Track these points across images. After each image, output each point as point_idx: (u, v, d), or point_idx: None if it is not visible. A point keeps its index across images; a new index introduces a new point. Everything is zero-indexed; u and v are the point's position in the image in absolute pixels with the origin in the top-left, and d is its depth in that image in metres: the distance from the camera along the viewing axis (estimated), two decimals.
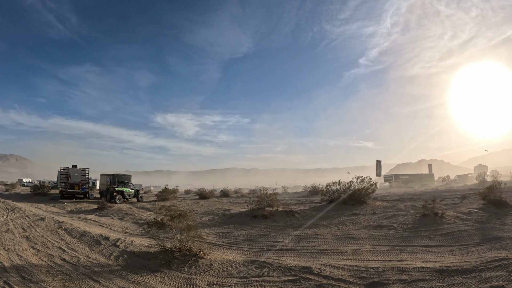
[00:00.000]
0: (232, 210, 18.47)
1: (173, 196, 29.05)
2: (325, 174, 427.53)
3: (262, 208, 16.44)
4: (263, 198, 16.98)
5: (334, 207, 16.65)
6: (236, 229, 13.99)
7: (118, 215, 18.83)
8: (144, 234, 12.84)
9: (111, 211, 20.38)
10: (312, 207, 17.81)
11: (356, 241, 10.51)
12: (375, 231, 11.60)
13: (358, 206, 16.33)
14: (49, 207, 23.71)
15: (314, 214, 15.68)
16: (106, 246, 10.41)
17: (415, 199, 19.52)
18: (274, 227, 13.87)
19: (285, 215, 15.52)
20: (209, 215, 17.59)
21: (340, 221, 13.65)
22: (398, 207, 15.90)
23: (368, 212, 15.03)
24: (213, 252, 9.02)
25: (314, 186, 36.33)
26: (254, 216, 15.71)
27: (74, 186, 31.29)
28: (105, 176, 32.47)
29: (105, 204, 21.77)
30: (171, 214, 8.68)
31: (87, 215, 19.30)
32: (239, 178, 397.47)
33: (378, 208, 15.72)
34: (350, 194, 17.58)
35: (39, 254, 9.85)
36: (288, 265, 7.80)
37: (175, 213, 8.67)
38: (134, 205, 24.36)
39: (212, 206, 22.57)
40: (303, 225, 13.72)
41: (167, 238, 9.18)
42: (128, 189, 28.57)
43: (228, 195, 37.91)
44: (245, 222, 15.26)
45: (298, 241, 11.16)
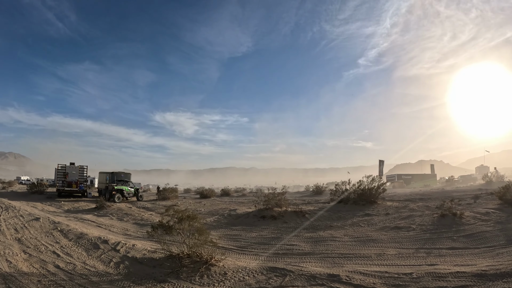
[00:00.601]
0: (238, 210, 17.49)
1: (174, 195, 28.03)
2: (324, 174, 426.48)
3: (270, 209, 15.57)
4: (271, 198, 16.04)
5: (345, 207, 15.97)
6: (245, 231, 13.03)
7: (118, 215, 17.78)
8: (146, 236, 11.91)
9: (110, 211, 19.34)
10: (321, 207, 17.01)
11: (377, 244, 9.84)
12: (394, 232, 10.95)
13: (369, 206, 15.75)
14: (45, 206, 22.69)
15: (325, 214, 14.91)
16: (105, 251, 9.34)
17: (425, 199, 18.89)
18: (285, 228, 13.01)
19: (295, 215, 14.72)
20: (213, 216, 16.61)
21: (354, 222, 13.00)
22: (410, 207, 15.28)
23: (381, 212, 14.39)
24: (226, 258, 8.00)
25: (318, 186, 35.29)
26: (263, 217, 14.82)
27: (71, 184, 30.23)
28: (104, 174, 31.44)
29: (104, 203, 20.75)
30: (179, 216, 7.65)
31: (85, 215, 18.27)
32: (238, 177, 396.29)
33: (390, 209, 15.11)
34: (361, 194, 16.90)
35: (31, 259, 8.83)
36: (312, 273, 6.84)
37: (183, 215, 7.62)
38: (134, 204, 23.34)
39: (215, 205, 21.60)
40: (315, 227, 12.92)
41: (173, 242, 8.17)
42: (127, 187, 27.54)
43: (229, 194, 37.07)
44: (253, 223, 14.34)
45: (315, 244, 10.33)
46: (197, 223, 7.64)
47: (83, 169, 31.19)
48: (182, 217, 7.59)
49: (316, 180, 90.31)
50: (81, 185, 30.21)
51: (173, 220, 7.84)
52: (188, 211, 7.94)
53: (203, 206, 21.44)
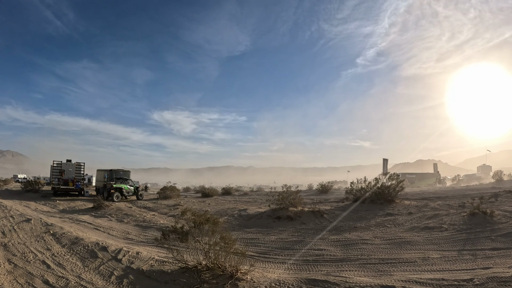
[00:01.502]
0: (249, 210, 16.05)
1: (175, 194, 26.52)
2: (323, 173, 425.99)
3: (285, 208, 14.19)
4: (286, 197, 14.64)
5: (362, 207, 14.82)
6: (262, 233, 11.61)
7: (117, 216, 16.24)
8: (152, 242, 10.43)
9: (108, 211, 17.80)
10: (337, 206, 15.74)
11: (414, 246, 8.81)
12: (426, 233, 10.00)
13: (387, 205, 14.60)
14: (39, 205, 21.17)
15: (344, 214, 13.67)
16: (104, 261, 7.78)
17: (442, 197, 17.87)
18: (305, 230, 11.69)
19: (312, 216, 13.45)
20: (222, 216, 15.14)
21: (379, 223, 11.80)
22: (431, 206, 14.17)
23: (403, 212, 13.24)
24: (252, 268, 6.48)
25: (324, 185, 33.85)
26: (278, 218, 13.47)
27: (68, 183, 28.66)
28: (102, 172, 29.81)
29: (102, 202, 19.18)
30: (197, 220, 6.13)
31: (81, 215, 16.75)
32: (236, 176, 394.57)
33: (410, 208, 13.99)
34: (378, 193, 15.71)
35: (16, 272, 7.29)
36: (361, 285, 5.43)
37: (202, 218, 6.11)
38: (134, 204, 21.80)
39: (221, 205, 20.16)
40: (338, 228, 11.64)
41: (186, 249, 6.71)
42: (127, 186, 26.01)
43: (230, 193, 35.66)
44: (268, 224, 12.95)
45: (346, 248, 9.06)
46: (219, 227, 6.11)
47: (80, 167, 29.59)
48: (200, 221, 6.06)
49: (315, 179, 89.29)
50: (78, 183, 28.64)
51: (189, 225, 6.32)
52: (207, 214, 6.38)
53: (208, 206, 19.97)
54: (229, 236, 6.05)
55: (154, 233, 11.97)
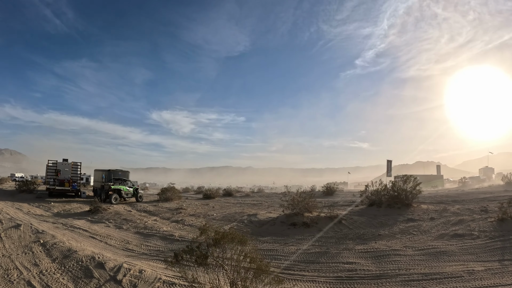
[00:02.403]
0: (259, 215, 14.77)
1: (177, 196, 25.21)
2: (322, 174, 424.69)
3: (300, 214, 12.94)
4: (300, 201, 13.38)
5: (379, 211, 13.80)
6: (278, 243, 10.35)
7: (115, 221, 14.88)
8: (155, 254, 9.16)
9: (106, 215, 16.44)
10: (352, 211, 14.58)
11: (452, 257, 7.90)
12: (458, 241, 9.08)
13: (405, 209, 13.58)
14: (32, 207, 19.86)
15: (363, 220, 12.54)
16: (101, 282, 6.40)
17: (459, 201, 17.03)
18: (325, 239, 10.50)
19: (330, 222, 12.24)
20: (230, 222, 13.88)
21: (402, 230, 10.77)
22: (452, 210, 13.18)
23: (424, 217, 12.27)
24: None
25: (329, 187, 32.56)
26: (293, 224, 12.26)
27: (64, 183, 27.29)
28: (100, 172, 28.42)
29: (99, 206, 17.82)
30: (216, 237, 4.83)
31: (76, 220, 15.44)
32: (235, 176, 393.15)
33: (430, 212, 13.07)
34: (395, 196, 14.58)
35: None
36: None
37: (224, 235, 4.81)
38: (134, 206, 20.49)
39: (226, 208, 18.89)
40: (361, 236, 10.49)
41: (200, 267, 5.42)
42: (125, 187, 24.65)
43: (232, 194, 34.49)
44: (283, 232, 11.72)
45: (378, 261, 8.00)
46: (248, 247, 4.82)
47: (77, 166, 28.25)
48: (221, 238, 4.77)
49: (314, 180, 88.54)
50: (74, 184, 27.27)
51: (208, 242, 5.02)
52: (232, 233, 5.07)
53: (212, 210, 18.68)
54: (259, 257, 4.74)
55: (158, 243, 10.71)
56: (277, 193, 39.22)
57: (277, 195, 34.10)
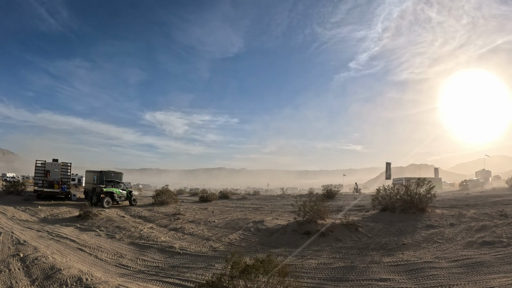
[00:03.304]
0: (266, 222, 13.46)
1: (173, 199, 23.79)
2: (315, 176, 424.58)
3: (312, 221, 11.70)
4: (313, 207, 12.10)
5: (394, 217, 12.72)
6: (294, 255, 9.02)
7: (107, 229, 13.40)
8: (154, 272, 7.82)
9: (97, 222, 14.96)
10: (364, 216, 13.46)
11: (491, 269, 6.85)
12: (490, 250, 8.10)
13: (420, 215, 12.61)
14: (17, 211, 18.37)
15: (380, 227, 11.38)
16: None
17: (471, 205, 16.10)
18: (346, 250, 9.28)
19: (346, 230, 11.01)
20: (235, 230, 12.55)
21: (426, 238, 9.73)
22: (469, 215, 12.35)
23: (443, 223, 11.33)
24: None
25: (330, 190, 31.25)
26: (307, 233, 10.97)
27: (53, 185, 25.68)
28: (91, 173, 26.82)
29: (89, 211, 16.32)
30: (242, 268, 3.51)
31: (64, 227, 13.99)
32: (229, 178, 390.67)
33: (447, 218, 12.12)
34: (409, 201, 13.46)
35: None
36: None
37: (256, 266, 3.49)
38: (127, 211, 19.04)
39: (228, 214, 17.55)
40: (384, 246, 9.31)
41: None
42: (118, 190, 23.18)
43: (228, 197, 33.26)
44: (297, 242, 10.44)
45: (413, 276, 6.85)
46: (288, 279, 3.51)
47: (67, 167, 26.69)
48: (251, 269, 3.45)
49: (308, 182, 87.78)
50: (64, 186, 25.67)
51: (232, 274, 3.69)
52: (271, 260, 3.73)
53: (212, 215, 17.34)
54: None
55: (156, 257, 9.33)
56: (274, 196, 38.07)
57: (274, 198, 32.89)
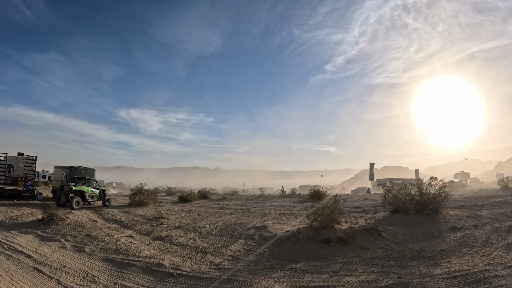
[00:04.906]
0: (270, 227, 11.23)
1: (152, 200, 21.09)
2: (291, 176, 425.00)
3: (329, 226, 9.68)
4: (329, 208, 10.03)
5: (410, 219, 11.47)
6: (323, 272, 6.92)
7: (75, 239, 10.60)
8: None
9: (62, 228, 12.09)
10: (377, 219, 11.83)
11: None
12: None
13: (436, 216, 11.47)
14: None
15: (403, 231, 9.88)
16: None
17: (479, 205, 15.35)
18: (381, 261, 7.52)
19: (369, 236, 9.28)
20: (235, 239, 10.21)
21: (459, 241, 8.47)
22: (486, 216, 11.50)
23: (466, 224, 10.26)
24: None
25: (317, 190, 29.28)
26: (326, 241, 8.93)
27: (17, 182, 22.41)
28: (60, 169, 23.63)
29: (54, 213, 13.37)
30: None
31: (22, 235, 11.16)
32: (204, 177, 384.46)
33: (466, 219, 11.09)
34: (422, 201, 12.24)
35: None
36: None
37: None
38: (100, 214, 16.21)
39: (216, 216, 15.20)
40: (422, 254, 7.85)
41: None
42: (90, 188, 20.24)
43: (207, 197, 31.29)
44: (317, 253, 8.38)
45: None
46: None
47: (33, 162, 23.45)
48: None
49: (284, 182, 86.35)
50: (28, 184, 22.41)
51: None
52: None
53: (200, 218, 14.92)
54: None
55: (141, 281, 6.80)
56: (255, 196, 35.91)
57: (256, 198, 30.73)
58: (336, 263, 7.53)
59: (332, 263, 7.59)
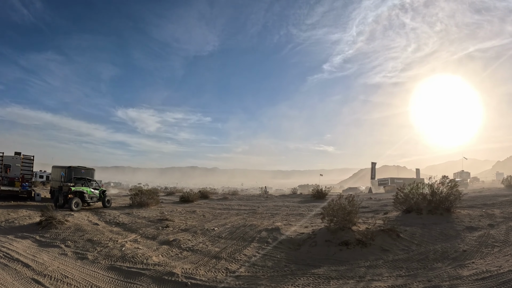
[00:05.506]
0: (283, 230, 10.52)
1: (154, 201, 20.32)
2: (289, 176, 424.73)
3: (347, 228, 9.07)
4: (348, 211, 9.35)
5: (424, 219, 10.92)
6: (349, 278, 6.33)
7: (76, 244, 9.81)
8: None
9: (62, 233, 11.33)
10: (390, 219, 11.29)
11: None
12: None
13: (449, 215, 11.10)
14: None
15: (420, 231, 9.47)
16: None
17: (488, 204, 14.49)
18: (405, 263, 7.10)
19: (387, 237, 8.75)
20: (247, 242, 9.50)
21: (479, 241, 8.08)
22: (498, 215, 11.09)
23: (481, 224, 9.87)
24: None
25: (319, 190, 28.60)
26: (345, 244, 8.34)
27: (14, 182, 21.52)
28: (58, 169, 22.78)
29: (53, 216, 12.56)
30: None
31: (19, 240, 10.37)
32: (202, 177, 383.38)
33: (479, 218, 10.71)
34: (434, 201, 11.78)
35: None
36: None
37: None
38: (101, 216, 15.43)
39: (222, 218, 14.48)
40: (445, 255, 7.35)
41: None
42: (89, 189, 19.44)
43: (208, 197, 30.62)
44: (337, 256, 7.81)
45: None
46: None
47: (30, 161, 22.56)
48: None
49: (282, 182, 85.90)
50: (25, 184, 21.54)
51: None
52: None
53: (205, 220, 14.19)
54: None
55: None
56: (256, 196, 35.21)
57: (258, 198, 30.03)
58: (360, 267, 6.99)
59: (355, 267, 7.03)
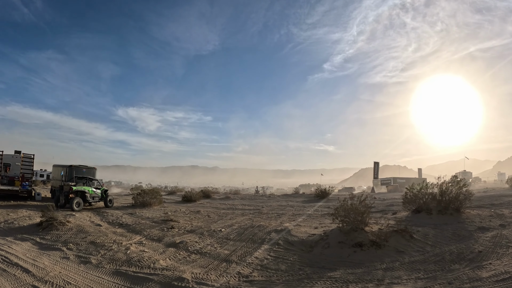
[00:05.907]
0: (293, 231, 10.04)
1: (158, 201, 19.85)
2: (289, 175, 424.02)
3: (359, 228, 8.68)
4: (361, 211, 8.92)
5: (434, 219, 10.69)
6: (369, 281, 5.93)
7: (78, 247, 9.32)
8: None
9: (63, 234, 10.85)
10: (400, 219, 11.06)
11: None
12: None
13: (458, 216, 10.84)
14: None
15: (433, 232, 9.10)
16: None
17: (496, 204, 14.29)
18: (422, 265, 6.74)
19: (401, 238, 8.37)
20: (257, 244, 9.03)
21: (493, 242, 7.72)
22: (508, 215, 10.86)
23: (491, 224, 9.55)
24: None
25: (322, 189, 28.19)
26: (359, 245, 7.94)
27: (13, 181, 21.03)
28: (59, 168, 22.28)
29: (54, 217, 12.06)
30: None
31: (18, 242, 9.90)
32: (203, 176, 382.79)
33: (489, 218, 10.43)
34: (447, 201, 11.45)
35: None
36: None
37: None
38: (103, 216, 14.95)
39: (228, 218, 14.03)
40: (461, 256, 7.00)
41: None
42: (91, 188, 18.96)
43: (210, 196, 30.25)
44: (352, 258, 7.40)
45: None
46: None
47: (30, 160, 22.06)
48: None
49: (283, 181, 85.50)
50: (25, 183, 21.05)
51: None
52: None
53: (211, 220, 13.73)
54: None
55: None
56: (258, 195, 34.80)
57: (260, 198, 29.62)
58: (376, 270, 6.58)
59: (372, 269, 6.62)
